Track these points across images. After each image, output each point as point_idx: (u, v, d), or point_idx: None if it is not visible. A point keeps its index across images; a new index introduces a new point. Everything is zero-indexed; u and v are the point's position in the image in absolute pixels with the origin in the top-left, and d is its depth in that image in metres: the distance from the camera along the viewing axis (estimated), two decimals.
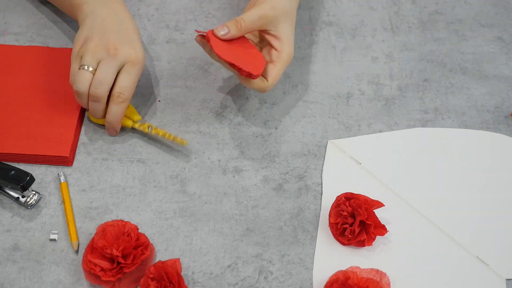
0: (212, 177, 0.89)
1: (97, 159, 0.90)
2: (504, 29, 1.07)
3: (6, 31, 1.02)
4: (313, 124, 0.95)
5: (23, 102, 0.92)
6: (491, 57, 1.03)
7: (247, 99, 0.96)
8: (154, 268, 0.78)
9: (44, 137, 0.89)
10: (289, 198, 0.88)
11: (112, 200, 0.87)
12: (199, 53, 1.01)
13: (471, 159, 0.92)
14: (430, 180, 0.90)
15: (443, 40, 1.05)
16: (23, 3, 1.05)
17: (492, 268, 0.83)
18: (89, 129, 0.93)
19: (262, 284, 0.82)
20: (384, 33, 1.05)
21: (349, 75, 1.00)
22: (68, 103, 0.92)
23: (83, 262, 0.80)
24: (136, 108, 0.95)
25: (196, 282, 0.81)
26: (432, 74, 1.01)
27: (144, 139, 0.92)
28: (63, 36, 1.02)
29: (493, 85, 1.00)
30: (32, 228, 0.84)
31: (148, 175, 0.89)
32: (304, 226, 0.86)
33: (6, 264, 0.82)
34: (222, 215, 0.86)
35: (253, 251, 0.84)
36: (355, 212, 0.83)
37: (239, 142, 0.93)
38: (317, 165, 0.91)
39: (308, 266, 0.83)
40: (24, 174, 0.83)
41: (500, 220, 0.87)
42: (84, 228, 0.85)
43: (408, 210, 0.88)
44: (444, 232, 0.86)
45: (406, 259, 0.84)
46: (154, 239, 0.84)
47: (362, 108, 0.97)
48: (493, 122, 0.96)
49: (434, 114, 0.97)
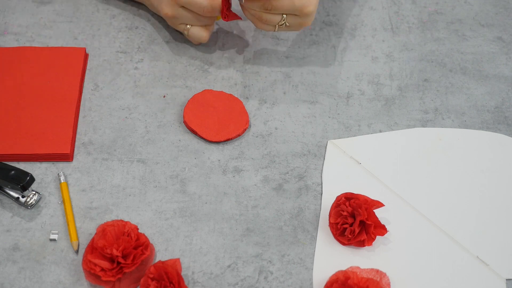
0: (212, 177, 0.89)
1: (97, 159, 0.90)
2: (504, 29, 1.07)
3: (6, 31, 1.02)
4: (313, 124, 0.95)
5: (23, 102, 0.92)
6: (491, 57, 1.03)
7: (247, 99, 0.96)
8: (154, 268, 0.78)
9: (43, 135, 0.89)
10: (289, 198, 0.88)
11: (112, 200, 0.87)
12: (199, 53, 1.01)
13: (471, 159, 0.92)
14: (430, 180, 0.90)
15: (443, 40, 1.05)
16: (23, 3, 1.05)
17: (492, 268, 0.83)
18: (89, 129, 0.93)
19: (262, 284, 0.82)
20: (384, 33, 1.05)
21: (349, 75, 1.00)
22: (65, 101, 0.93)
23: (83, 262, 0.80)
24: (136, 107, 0.95)
25: (196, 282, 0.81)
26: (432, 74, 1.01)
27: (144, 139, 0.92)
28: (63, 36, 1.02)
29: (493, 85, 1.00)
30: (32, 228, 0.84)
31: (148, 175, 0.89)
32: (304, 226, 0.86)
33: (6, 264, 0.82)
34: (222, 215, 0.86)
35: (253, 251, 0.84)
36: (355, 212, 0.83)
37: (239, 142, 0.93)
38: (317, 165, 0.91)
39: (308, 266, 0.83)
40: (24, 174, 0.83)
41: (500, 220, 0.87)
42: (84, 228, 0.85)
43: (408, 210, 0.88)
44: (444, 232, 0.86)
45: (406, 259, 0.84)
46: (154, 239, 0.84)
47: (362, 108, 0.97)
48: (493, 122, 0.96)
49: (434, 114, 0.97)
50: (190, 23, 0.96)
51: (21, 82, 0.94)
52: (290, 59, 1.01)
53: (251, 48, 1.02)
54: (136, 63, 0.99)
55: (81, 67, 0.97)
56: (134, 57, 1.00)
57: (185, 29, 0.97)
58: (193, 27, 0.97)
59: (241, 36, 1.03)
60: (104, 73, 0.98)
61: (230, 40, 1.03)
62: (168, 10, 0.95)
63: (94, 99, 0.96)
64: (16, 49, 0.98)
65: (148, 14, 1.05)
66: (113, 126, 0.93)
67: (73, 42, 1.01)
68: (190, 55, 1.01)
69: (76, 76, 0.96)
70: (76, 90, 0.94)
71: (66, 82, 0.95)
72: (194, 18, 0.95)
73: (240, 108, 0.94)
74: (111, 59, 1.00)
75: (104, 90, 0.96)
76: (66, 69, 0.96)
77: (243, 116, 0.94)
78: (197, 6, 0.93)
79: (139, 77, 0.98)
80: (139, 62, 1.00)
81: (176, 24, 0.97)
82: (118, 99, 0.96)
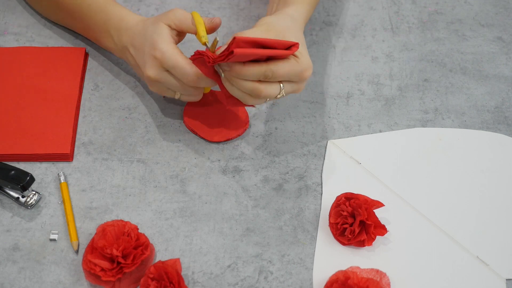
0: (212, 177, 0.89)
1: (97, 159, 0.90)
2: (504, 29, 1.07)
3: (6, 31, 1.02)
4: (313, 124, 0.95)
5: (23, 102, 0.92)
6: (491, 57, 1.03)
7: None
8: (154, 268, 0.78)
9: (43, 135, 0.89)
10: (289, 198, 0.88)
11: (112, 200, 0.87)
12: None
13: (471, 159, 0.92)
14: (430, 180, 0.90)
15: (443, 40, 1.05)
16: (23, 3, 1.05)
17: (492, 268, 0.83)
18: (89, 129, 0.93)
19: (262, 284, 0.82)
20: (384, 33, 1.05)
21: (349, 75, 1.00)
22: (65, 100, 0.93)
23: (83, 262, 0.80)
24: (136, 107, 0.95)
25: (196, 282, 0.81)
26: (432, 74, 1.01)
27: (144, 139, 0.92)
28: (63, 36, 1.02)
29: (493, 85, 1.00)
30: (32, 228, 0.84)
31: (148, 175, 0.89)
32: (304, 226, 0.86)
33: (6, 264, 0.82)
34: (222, 215, 0.86)
35: (253, 251, 0.84)
36: (355, 212, 0.83)
37: (239, 142, 0.93)
38: (317, 165, 0.91)
39: (308, 266, 0.83)
40: (24, 174, 0.83)
41: (500, 220, 0.87)
42: (84, 228, 0.85)
43: (408, 210, 0.88)
44: (444, 232, 0.86)
45: (406, 259, 0.84)
46: (154, 239, 0.84)
47: (362, 108, 0.97)
48: (493, 122, 0.96)
49: (434, 114, 0.97)
50: (173, 89, 0.87)
51: (21, 82, 0.94)
52: None
53: None
54: None
55: (81, 67, 0.97)
56: None
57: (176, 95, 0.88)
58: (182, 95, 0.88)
59: None
60: (104, 73, 0.98)
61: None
62: (151, 72, 0.85)
63: (94, 99, 0.96)
64: (16, 49, 0.98)
65: (148, 14, 1.05)
66: (113, 126, 0.93)
67: (73, 42, 1.01)
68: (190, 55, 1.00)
69: (76, 76, 0.96)
70: (76, 90, 0.94)
71: (66, 82, 0.95)
72: (179, 85, 0.86)
73: (241, 108, 0.94)
74: (111, 59, 1.00)
75: (104, 90, 0.96)
76: (66, 69, 0.96)
77: (243, 116, 0.93)
78: (180, 72, 0.83)
79: (139, 77, 0.98)
80: None
81: (163, 89, 0.87)
82: (118, 99, 0.96)
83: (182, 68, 0.83)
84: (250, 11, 1.06)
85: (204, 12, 1.06)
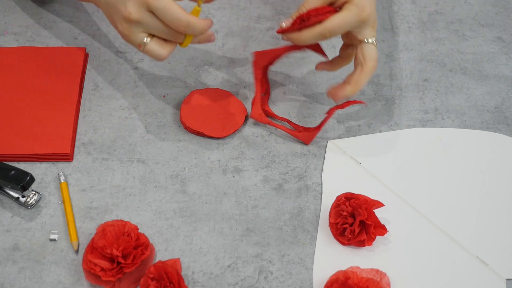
0: (212, 177, 0.89)
1: (97, 159, 0.90)
2: (504, 29, 1.07)
3: (6, 31, 1.02)
4: (313, 124, 0.95)
5: (22, 102, 0.92)
6: (491, 57, 1.03)
7: (247, 99, 0.96)
8: (154, 268, 0.78)
9: (43, 135, 0.89)
10: (289, 198, 0.88)
11: (112, 200, 0.87)
12: (199, 53, 1.01)
13: (471, 159, 0.92)
14: (430, 180, 0.90)
15: (443, 40, 1.05)
16: (23, 3, 1.05)
17: (492, 268, 0.83)
18: (89, 129, 0.93)
19: (262, 284, 0.82)
20: (384, 33, 1.05)
21: None
22: (65, 101, 0.93)
23: (83, 262, 0.80)
24: (136, 107, 0.95)
25: (196, 282, 0.81)
26: (432, 74, 1.01)
27: (144, 139, 0.92)
28: (63, 36, 1.02)
29: (493, 85, 1.00)
30: (32, 228, 0.84)
31: (148, 175, 0.89)
32: (304, 226, 0.86)
33: (6, 264, 0.82)
34: (222, 215, 0.86)
35: (253, 251, 0.84)
36: (355, 212, 0.83)
37: (239, 142, 0.93)
38: (317, 165, 0.91)
39: (308, 266, 0.83)
40: (24, 174, 0.84)
41: (500, 220, 0.87)
42: (84, 228, 0.85)
43: (408, 210, 0.88)
44: (444, 232, 0.86)
45: (406, 259, 0.84)
46: (154, 239, 0.84)
47: (362, 108, 0.97)
48: (493, 122, 0.96)
49: (434, 114, 0.97)
50: (153, 33, 0.82)
51: (21, 82, 0.94)
52: (290, 59, 1.01)
53: (251, 48, 1.02)
54: (136, 63, 0.99)
55: (81, 67, 0.97)
56: (134, 57, 1.00)
57: (141, 43, 0.83)
58: (151, 42, 0.83)
59: (241, 36, 1.03)
60: (104, 73, 0.98)
61: (230, 40, 1.03)
62: (133, 10, 0.79)
63: (94, 99, 0.96)
64: (16, 49, 0.98)
65: None
66: (113, 126, 0.93)
67: (73, 42, 1.01)
68: (190, 55, 1.01)
69: (76, 76, 0.96)
70: (76, 90, 0.94)
71: (66, 82, 0.95)
72: (161, 28, 0.81)
73: (232, 98, 0.95)
74: (111, 59, 1.00)
75: (104, 90, 0.97)
76: (66, 69, 0.96)
77: (238, 105, 0.94)
78: (171, 17, 0.79)
79: (139, 77, 0.98)
80: (139, 62, 1.00)
81: (135, 32, 0.82)
82: (118, 99, 0.96)
83: (174, 13, 0.79)
84: (250, 11, 1.06)
85: (204, 12, 1.06)
